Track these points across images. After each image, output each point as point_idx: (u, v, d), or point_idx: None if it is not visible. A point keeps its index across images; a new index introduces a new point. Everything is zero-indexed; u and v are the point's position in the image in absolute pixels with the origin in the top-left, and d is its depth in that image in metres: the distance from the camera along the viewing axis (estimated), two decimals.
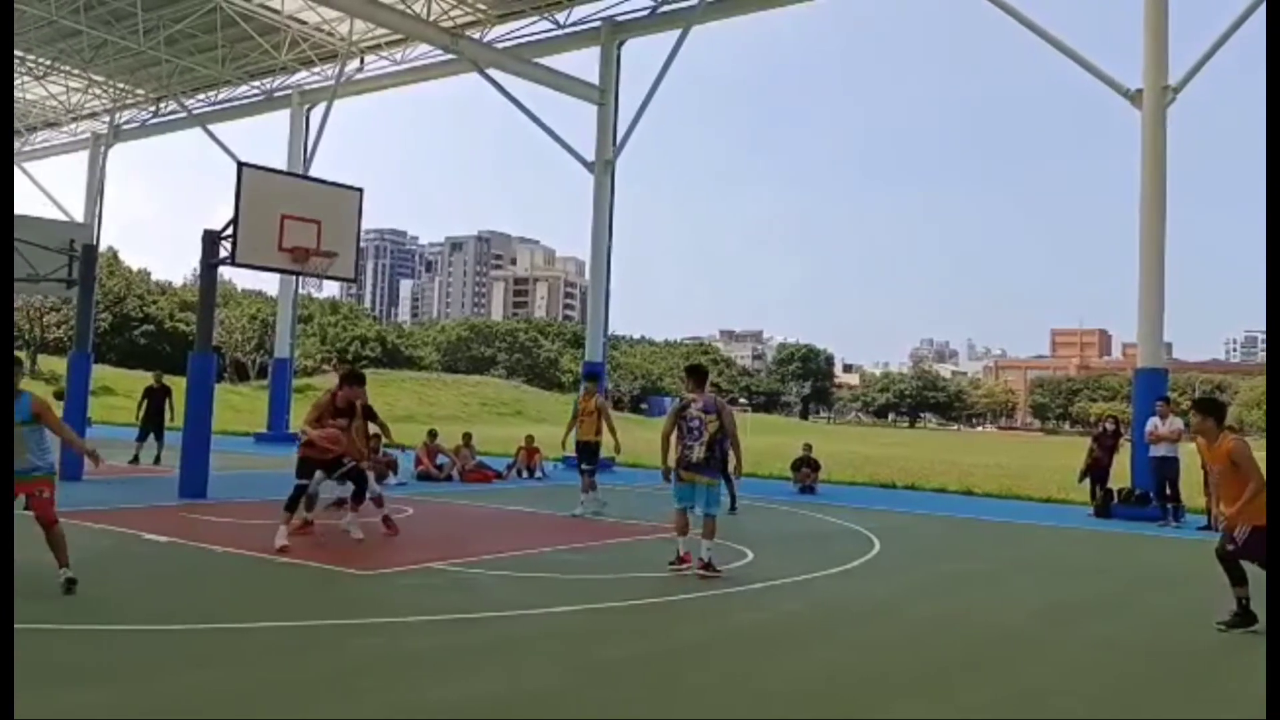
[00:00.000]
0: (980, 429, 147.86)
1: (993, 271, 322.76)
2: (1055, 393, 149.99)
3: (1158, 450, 15.71)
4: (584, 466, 14.19)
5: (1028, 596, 9.31)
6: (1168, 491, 15.72)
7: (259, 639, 6.57)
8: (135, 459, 18.49)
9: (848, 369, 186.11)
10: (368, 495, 10.89)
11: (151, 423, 19.17)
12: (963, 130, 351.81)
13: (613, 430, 14.34)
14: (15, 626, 6.27)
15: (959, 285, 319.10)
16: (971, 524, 15.24)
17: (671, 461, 9.56)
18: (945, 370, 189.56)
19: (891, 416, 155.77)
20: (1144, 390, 17.34)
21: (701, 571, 9.20)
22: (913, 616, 8.10)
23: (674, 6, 23.85)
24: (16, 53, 28.89)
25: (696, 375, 9.82)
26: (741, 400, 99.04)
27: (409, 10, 24.14)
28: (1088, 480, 17.35)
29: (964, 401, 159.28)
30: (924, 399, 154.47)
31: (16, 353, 7.95)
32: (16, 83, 32.78)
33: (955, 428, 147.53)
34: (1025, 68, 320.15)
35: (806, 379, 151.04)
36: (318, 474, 10.58)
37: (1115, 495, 16.72)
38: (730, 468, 10.40)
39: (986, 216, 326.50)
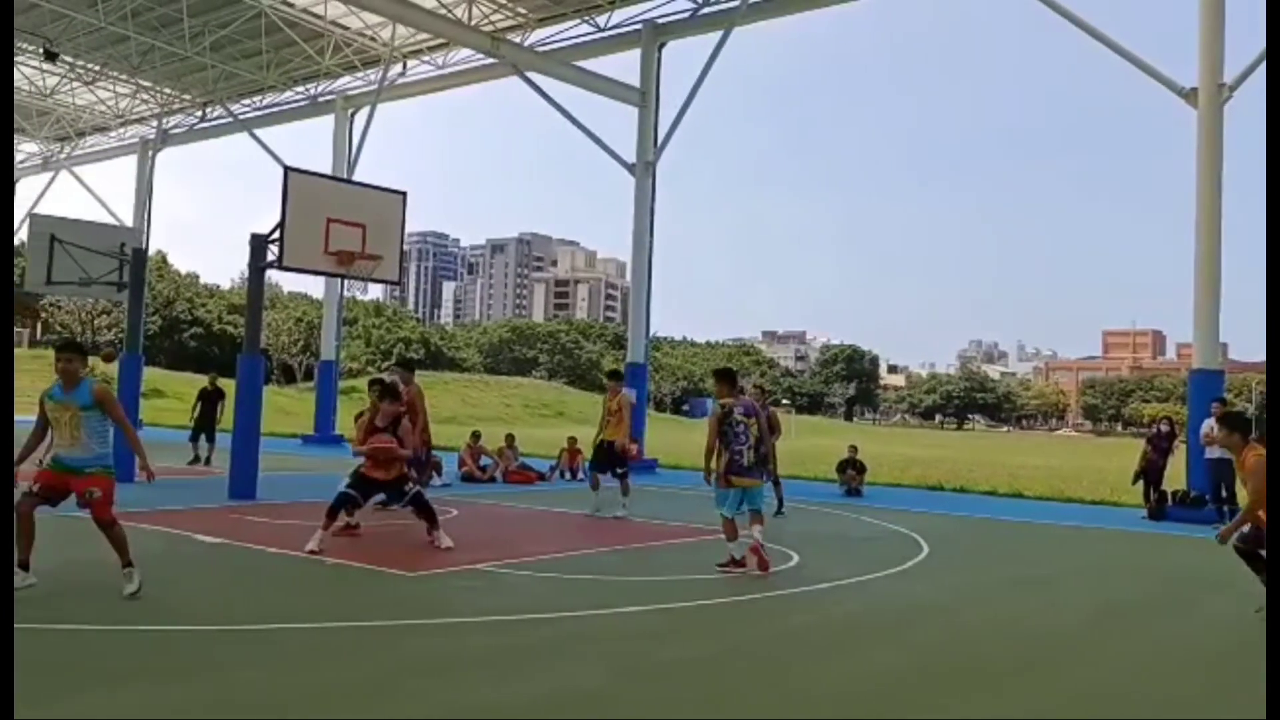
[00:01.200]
0: (1064, 433, 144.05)
1: (1042, 272, 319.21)
2: (1107, 394, 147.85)
3: (1213, 452, 15.35)
4: (617, 470, 14.00)
5: (1082, 600, 9.12)
6: (1223, 494, 15.40)
7: (310, 639, 6.57)
8: (196, 459, 18.87)
9: (893, 370, 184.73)
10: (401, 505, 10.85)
11: (204, 424, 19.48)
12: (1010, 129, 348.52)
13: (627, 427, 14.24)
14: (77, 626, 6.35)
15: (1007, 286, 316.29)
16: (1022, 527, 15.00)
17: (719, 466, 9.40)
18: (994, 371, 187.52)
19: (939, 418, 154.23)
20: (1199, 391, 17.00)
21: (755, 550, 9.27)
22: (964, 620, 7.96)
23: (716, 8, 23.74)
24: (66, 58, 29.38)
25: (729, 379, 9.75)
26: (785, 401, 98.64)
27: (450, 15, 24.25)
28: (1141, 482, 17.05)
29: (1013, 403, 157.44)
30: (972, 400, 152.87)
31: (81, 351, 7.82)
32: (66, 88, 33.40)
33: (1005, 429, 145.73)
34: (1074, 65, 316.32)
35: (851, 380, 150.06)
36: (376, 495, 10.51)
37: (1170, 498, 16.40)
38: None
39: (1035, 216, 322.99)
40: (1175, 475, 16.88)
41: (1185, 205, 17.27)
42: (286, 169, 14.47)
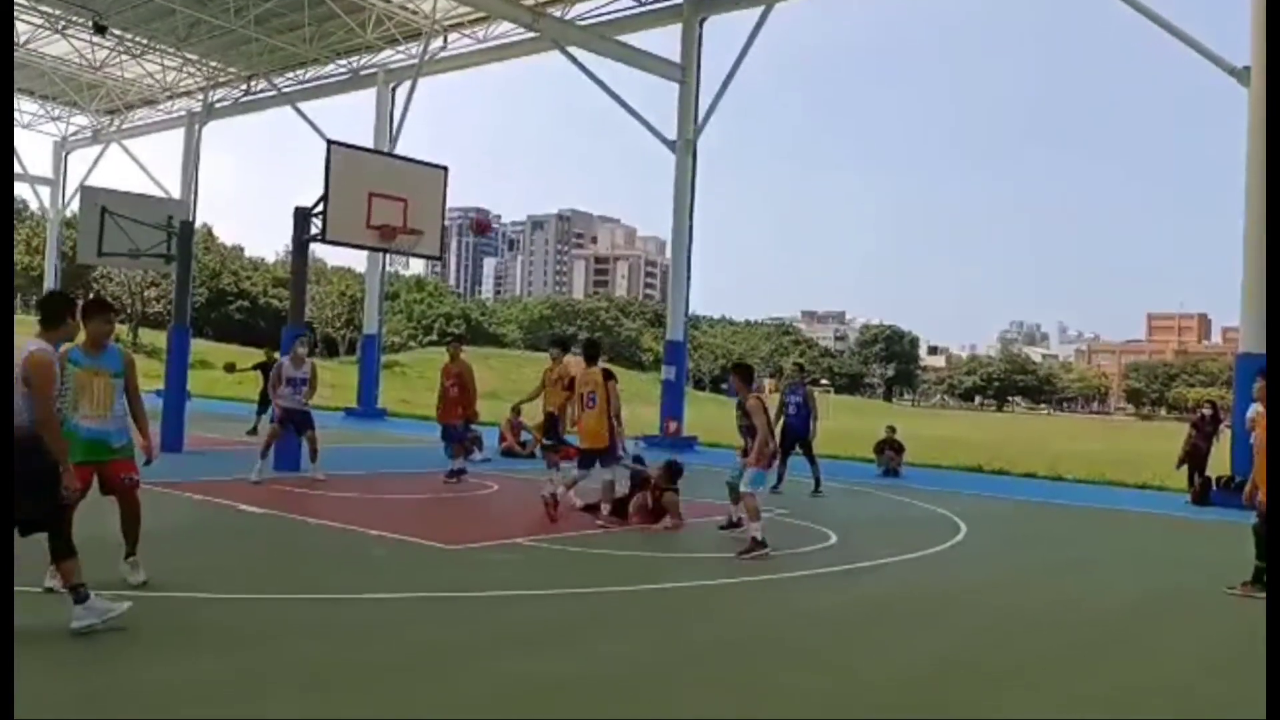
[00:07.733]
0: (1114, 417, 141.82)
1: (1086, 253, 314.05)
2: (1151, 377, 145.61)
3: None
4: (546, 442, 12.60)
5: (1124, 586, 9.02)
6: None
7: (351, 611, 6.68)
8: (253, 430, 19.32)
9: (933, 351, 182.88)
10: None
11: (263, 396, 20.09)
12: (1054, 108, 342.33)
13: (564, 403, 12.29)
14: (140, 593, 6.47)
15: (1050, 267, 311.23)
16: (1062, 510, 14.86)
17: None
18: (1035, 353, 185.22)
19: (978, 400, 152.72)
20: (1245, 375, 16.68)
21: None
22: (1002, 604, 7.91)
23: None
24: (115, 31, 29.64)
25: (750, 376, 10.32)
26: (824, 382, 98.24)
27: None
28: (1185, 467, 16.84)
29: (1054, 385, 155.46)
30: (1013, 382, 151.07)
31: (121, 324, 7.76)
32: (115, 61, 33.75)
33: (1045, 411, 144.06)
34: (1121, 42, 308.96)
35: (890, 361, 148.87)
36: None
37: (1214, 482, 16.18)
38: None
39: (1079, 196, 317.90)
40: (1219, 460, 16.64)
41: (1233, 185, 16.93)
42: (329, 142, 14.58)
